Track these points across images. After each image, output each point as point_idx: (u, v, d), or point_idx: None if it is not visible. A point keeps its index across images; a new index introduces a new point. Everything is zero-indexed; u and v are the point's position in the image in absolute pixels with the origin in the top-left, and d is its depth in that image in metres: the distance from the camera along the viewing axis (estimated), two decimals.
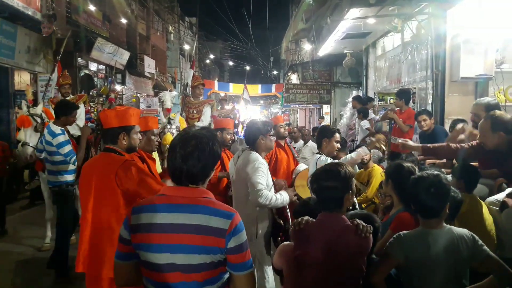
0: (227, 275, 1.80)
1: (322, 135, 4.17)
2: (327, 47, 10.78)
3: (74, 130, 6.40)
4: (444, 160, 4.39)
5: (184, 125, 6.07)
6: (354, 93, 11.00)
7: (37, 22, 10.38)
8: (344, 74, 13.07)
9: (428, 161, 4.62)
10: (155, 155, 4.45)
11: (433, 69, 6.48)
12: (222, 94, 20.87)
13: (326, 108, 15.65)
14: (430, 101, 6.62)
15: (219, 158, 1.89)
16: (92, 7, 13.34)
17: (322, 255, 2.15)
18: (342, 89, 13.09)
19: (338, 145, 4.17)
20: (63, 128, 4.91)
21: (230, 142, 5.15)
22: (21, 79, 11.67)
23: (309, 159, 7.14)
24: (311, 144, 7.64)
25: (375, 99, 10.04)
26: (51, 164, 4.87)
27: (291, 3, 23.14)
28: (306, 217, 2.29)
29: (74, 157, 4.82)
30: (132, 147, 2.97)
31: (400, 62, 8.22)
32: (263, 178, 3.37)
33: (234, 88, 20.24)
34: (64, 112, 4.93)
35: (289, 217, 3.61)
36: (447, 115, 6.24)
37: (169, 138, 5.73)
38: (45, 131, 4.97)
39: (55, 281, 4.68)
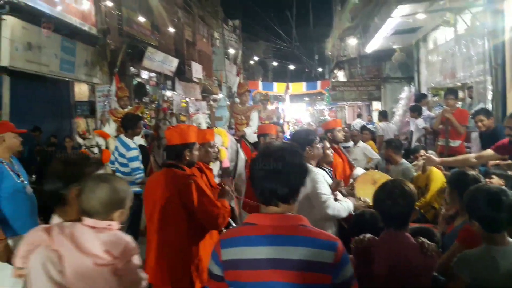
0: None
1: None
2: (375, 44, 10.62)
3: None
4: (509, 161, 4.23)
5: (226, 139, 6.08)
6: (406, 89, 10.71)
7: (93, 37, 10.96)
8: (393, 69, 12.74)
9: (491, 162, 4.45)
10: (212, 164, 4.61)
11: (492, 63, 6.22)
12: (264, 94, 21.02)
13: (376, 105, 15.35)
14: (489, 97, 6.35)
15: (307, 172, 1.74)
16: (141, 18, 13.85)
17: (386, 274, 2.10)
18: (393, 85, 12.76)
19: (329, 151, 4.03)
20: (135, 142, 5.26)
21: None
22: (81, 91, 12.35)
23: (361, 160, 7.07)
24: (362, 144, 7.52)
25: (429, 95, 9.75)
26: (121, 174, 5.18)
27: None
28: (368, 235, 2.26)
29: (139, 175, 5.10)
30: (192, 162, 3.15)
31: (454, 56, 7.95)
32: (325, 187, 3.36)
33: (279, 87, 20.34)
34: (130, 125, 5.26)
35: None
36: (509, 112, 5.95)
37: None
38: (117, 143, 5.30)
39: None
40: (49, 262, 1.68)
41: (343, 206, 3.35)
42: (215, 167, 5.35)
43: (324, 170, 3.85)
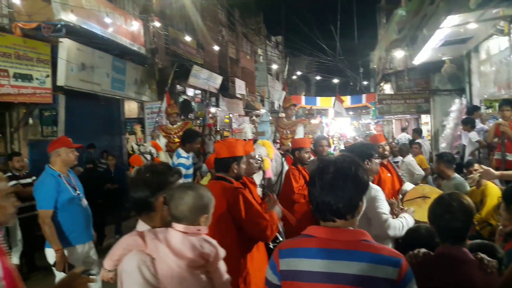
0: None
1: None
2: (423, 56, 10.33)
3: None
4: None
5: (271, 150, 6.07)
6: (457, 101, 10.32)
7: (142, 56, 11.39)
8: (443, 81, 12.31)
9: None
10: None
11: None
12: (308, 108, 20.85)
13: (424, 118, 14.88)
14: None
15: (367, 187, 1.67)
16: (187, 37, 14.27)
17: None
18: (442, 97, 12.31)
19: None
20: (189, 155, 5.46)
21: (309, 160, 5.17)
22: (130, 108, 12.83)
23: (407, 175, 6.85)
24: (407, 159, 7.32)
25: (482, 106, 9.35)
26: None
27: (378, 11, 22.60)
28: (423, 250, 2.18)
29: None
30: (240, 175, 3.19)
31: (509, 65, 7.60)
32: (384, 205, 3.24)
33: (322, 102, 20.17)
34: (189, 140, 5.50)
35: None
36: None
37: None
38: (174, 154, 5.61)
39: None
40: (144, 265, 1.80)
41: (403, 224, 3.18)
42: (257, 177, 5.38)
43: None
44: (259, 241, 3.03)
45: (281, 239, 3.63)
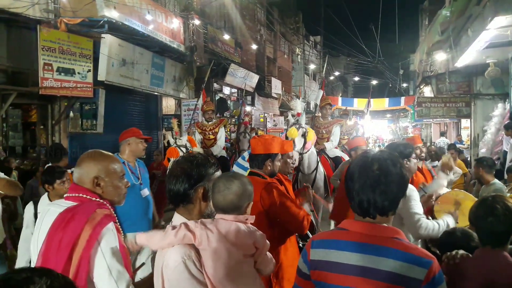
0: None
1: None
2: (467, 58, 10.00)
3: (216, 151, 7.02)
4: None
5: (311, 136, 6.08)
6: (500, 106, 9.94)
7: (181, 53, 11.61)
8: (486, 85, 11.89)
9: None
10: None
11: None
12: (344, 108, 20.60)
13: (464, 122, 14.42)
14: None
15: (408, 183, 1.68)
16: (226, 36, 14.42)
17: None
18: (484, 101, 11.90)
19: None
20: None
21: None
22: (168, 105, 13.09)
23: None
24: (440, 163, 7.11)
25: None
26: None
27: (421, 12, 22.07)
28: (461, 251, 2.15)
29: None
30: (274, 172, 3.20)
31: None
32: (418, 206, 3.17)
33: (359, 103, 19.86)
34: None
35: None
36: None
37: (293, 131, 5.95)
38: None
39: None
40: (189, 260, 1.76)
41: (439, 225, 3.10)
42: (298, 143, 5.43)
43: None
44: (295, 232, 3.06)
45: (311, 236, 3.63)
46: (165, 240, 1.78)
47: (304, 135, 5.71)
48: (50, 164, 4.58)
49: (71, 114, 8.28)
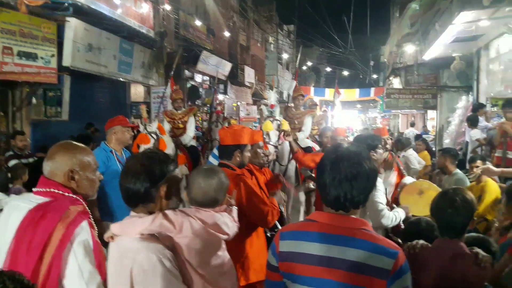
0: None
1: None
2: (434, 51, 10.21)
3: (185, 140, 6.94)
4: None
5: (286, 126, 6.16)
6: (464, 98, 10.25)
7: (151, 39, 11.37)
8: (452, 78, 12.21)
9: None
10: None
11: None
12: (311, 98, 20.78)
13: (430, 113, 14.80)
14: None
15: (377, 176, 1.72)
16: (198, 22, 14.20)
17: (436, 283, 2.08)
18: (450, 94, 12.24)
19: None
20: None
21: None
22: (136, 91, 12.85)
23: (404, 169, 6.88)
24: (408, 153, 7.31)
25: (488, 104, 9.28)
26: None
27: (392, 4, 22.33)
28: (421, 241, 2.23)
29: None
30: (243, 163, 3.18)
31: None
32: (382, 196, 3.30)
33: (330, 93, 20.07)
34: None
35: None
36: None
37: (268, 124, 5.98)
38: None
39: None
40: (165, 258, 1.70)
41: (395, 216, 3.30)
42: (274, 137, 5.63)
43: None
44: (259, 227, 3.06)
45: (280, 227, 3.66)
46: (141, 226, 1.73)
47: (279, 128, 5.73)
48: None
49: (34, 100, 7.96)
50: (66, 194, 1.86)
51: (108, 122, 4.22)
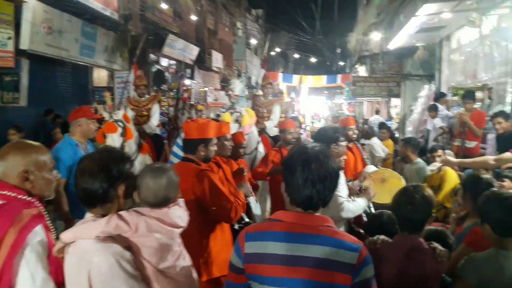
0: None
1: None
2: (398, 41, 10.39)
3: (149, 129, 6.79)
4: None
5: (246, 120, 6.15)
6: (426, 87, 10.51)
7: (115, 22, 11.01)
8: (415, 66, 12.48)
9: (504, 166, 4.37)
10: None
11: None
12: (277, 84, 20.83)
13: (395, 101, 15.13)
14: (509, 100, 6.22)
15: (340, 175, 1.76)
16: (164, 5, 13.85)
17: (395, 277, 2.15)
18: (413, 82, 12.50)
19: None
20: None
21: (294, 140, 5.21)
22: (99, 76, 12.47)
23: (368, 158, 7.05)
24: (372, 141, 7.47)
25: (449, 94, 9.57)
26: None
27: None
28: (382, 236, 2.29)
29: None
30: (208, 158, 3.12)
31: (477, 56, 7.76)
32: (343, 189, 3.31)
33: (298, 80, 20.21)
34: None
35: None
36: None
37: (226, 117, 5.94)
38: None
39: None
40: (123, 259, 1.67)
41: (356, 207, 3.31)
42: (234, 130, 5.46)
43: None
44: (224, 222, 3.04)
45: (246, 219, 3.67)
46: (95, 229, 1.68)
47: (238, 120, 5.68)
48: None
49: None
50: (20, 196, 1.79)
51: (71, 113, 4.06)
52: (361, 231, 3.47)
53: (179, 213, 1.96)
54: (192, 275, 2.01)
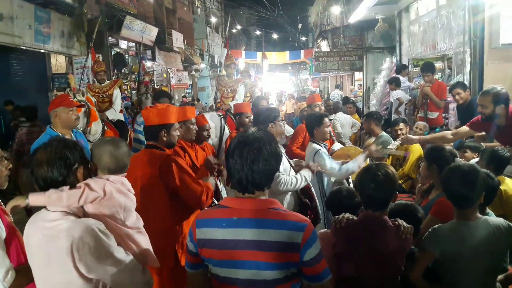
0: (299, 285, 1.74)
1: (311, 124, 4.18)
2: (359, 14, 10.50)
3: (112, 115, 6.63)
4: (483, 133, 4.32)
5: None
6: (388, 59, 10.69)
7: (69, 5, 10.53)
8: (376, 39, 12.64)
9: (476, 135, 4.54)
10: None
11: (471, 35, 6.22)
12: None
13: (358, 75, 15.33)
14: (467, 69, 6.39)
15: (281, 158, 1.81)
16: None
17: (361, 255, 2.18)
18: (375, 55, 12.70)
19: (329, 128, 4.22)
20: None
21: (250, 124, 5.19)
22: (57, 62, 12.00)
23: (340, 132, 7.16)
24: (337, 116, 7.57)
25: (410, 65, 9.76)
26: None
27: None
28: (347, 214, 2.31)
29: None
30: (171, 143, 3.08)
31: (435, 27, 7.92)
32: (283, 163, 3.36)
33: (261, 56, 20.12)
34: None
35: (314, 195, 3.67)
36: (486, 84, 5.96)
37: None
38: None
39: None
40: (100, 226, 1.82)
41: (297, 179, 3.40)
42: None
43: (320, 145, 4.08)
44: (195, 207, 3.01)
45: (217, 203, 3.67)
46: (69, 200, 1.80)
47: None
48: None
49: None
50: None
51: (51, 102, 3.89)
52: (308, 201, 3.59)
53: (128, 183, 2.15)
54: (148, 240, 2.18)
